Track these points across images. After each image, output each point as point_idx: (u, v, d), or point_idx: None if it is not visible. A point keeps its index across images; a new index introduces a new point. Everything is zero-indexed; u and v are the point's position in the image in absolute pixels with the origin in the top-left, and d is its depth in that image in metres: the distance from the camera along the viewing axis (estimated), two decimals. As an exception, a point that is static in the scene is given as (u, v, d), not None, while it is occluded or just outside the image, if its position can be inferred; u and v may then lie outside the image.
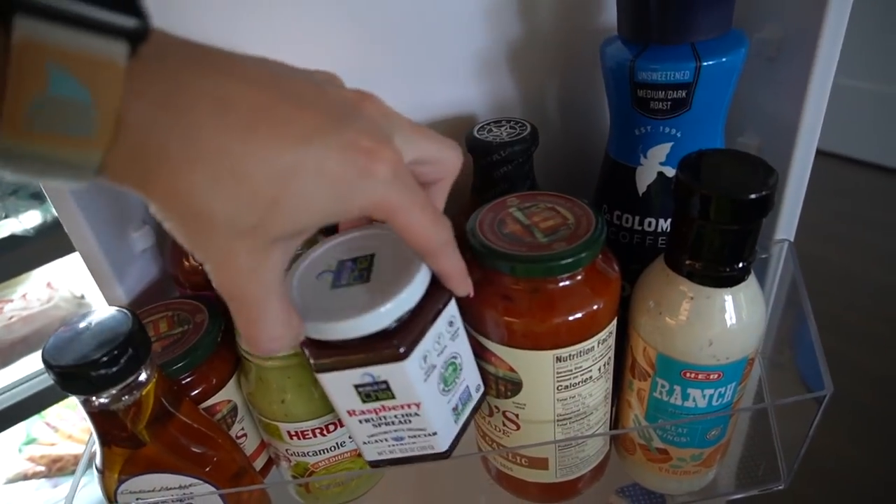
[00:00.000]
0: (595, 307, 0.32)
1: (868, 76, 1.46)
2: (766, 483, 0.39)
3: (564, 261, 0.30)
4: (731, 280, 0.31)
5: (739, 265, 0.31)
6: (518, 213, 0.34)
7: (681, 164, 0.30)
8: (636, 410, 0.39)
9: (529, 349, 0.33)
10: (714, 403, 0.35)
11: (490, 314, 0.32)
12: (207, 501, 0.36)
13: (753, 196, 0.28)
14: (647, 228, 0.39)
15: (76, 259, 0.41)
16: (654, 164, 0.37)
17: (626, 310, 0.36)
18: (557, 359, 0.33)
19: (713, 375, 0.34)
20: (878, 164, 1.53)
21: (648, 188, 0.38)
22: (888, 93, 1.47)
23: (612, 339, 0.35)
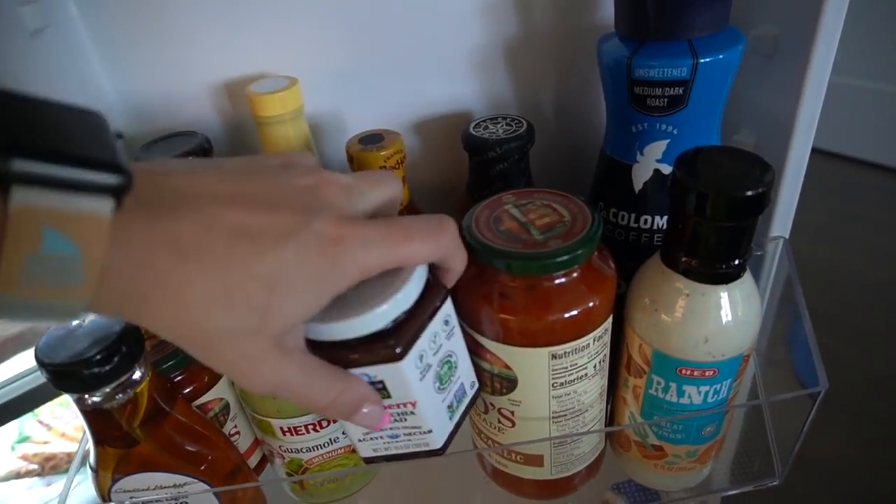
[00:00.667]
0: (591, 304, 0.32)
1: (867, 74, 1.47)
2: (761, 479, 0.39)
3: (560, 258, 0.30)
4: (727, 277, 0.31)
5: (735, 262, 0.31)
6: (514, 210, 0.34)
7: (677, 161, 0.30)
8: (632, 407, 0.39)
9: (525, 346, 0.32)
10: (709, 400, 0.35)
11: (486, 311, 0.32)
12: (202, 500, 0.36)
13: (750, 193, 0.28)
14: (643, 226, 0.39)
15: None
16: (651, 162, 0.37)
17: (622, 307, 0.36)
18: (553, 356, 0.33)
19: (709, 372, 0.34)
20: (876, 163, 1.53)
21: (645, 185, 0.38)
22: (887, 91, 1.47)
23: (608, 337, 0.35)
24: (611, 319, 0.35)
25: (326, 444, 0.39)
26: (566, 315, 0.31)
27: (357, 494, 0.45)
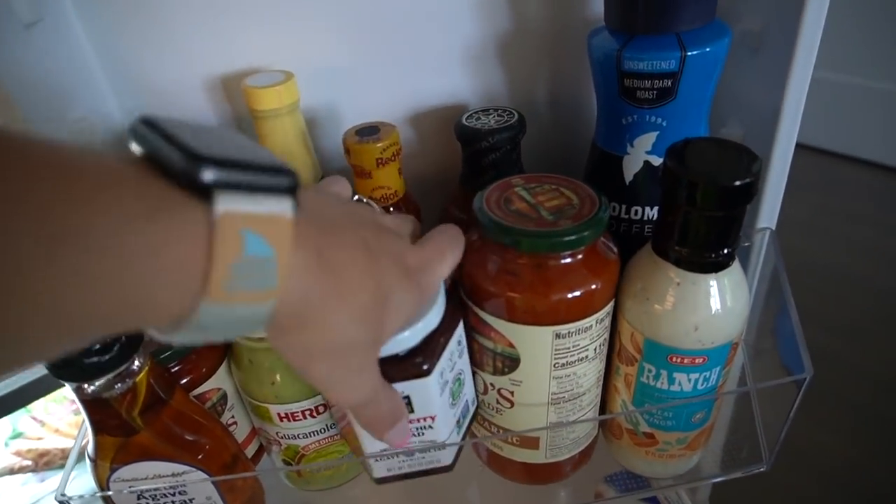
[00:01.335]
0: (594, 286, 0.33)
1: (862, 72, 1.47)
2: (749, 465, 0.39)
3: (569, 237, 0.31)
4: (717, 266, 0.32)
5: (724, 251, 0.32)
6: (524, 192, 0.35)
7: (668, 152, 0.31)
8: (623, 395, 0.39)
9: (530, 324, 0.33)
10: (699, 387, 0.36)
11: (493, 289, 0.33)
12: (200, 489, 0.36)
13: (738, 182, 0.28)
14: (634, 217, 0.39)
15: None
16: (641, 153, 0.37)
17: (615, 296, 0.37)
18: (557, 335, 0.33)
19: (698, 360, 0.35)
20: (869, 161, 1.54)
21: (635, 177, 0.38)
22: (881, 89, 1.48)
23: (609, 321, 0.36)
24: (613, 303, 0.35)
25: (323, 430, 0.40)
26: (570, 295, 0.32)
27: (353, 483, 0.45)
